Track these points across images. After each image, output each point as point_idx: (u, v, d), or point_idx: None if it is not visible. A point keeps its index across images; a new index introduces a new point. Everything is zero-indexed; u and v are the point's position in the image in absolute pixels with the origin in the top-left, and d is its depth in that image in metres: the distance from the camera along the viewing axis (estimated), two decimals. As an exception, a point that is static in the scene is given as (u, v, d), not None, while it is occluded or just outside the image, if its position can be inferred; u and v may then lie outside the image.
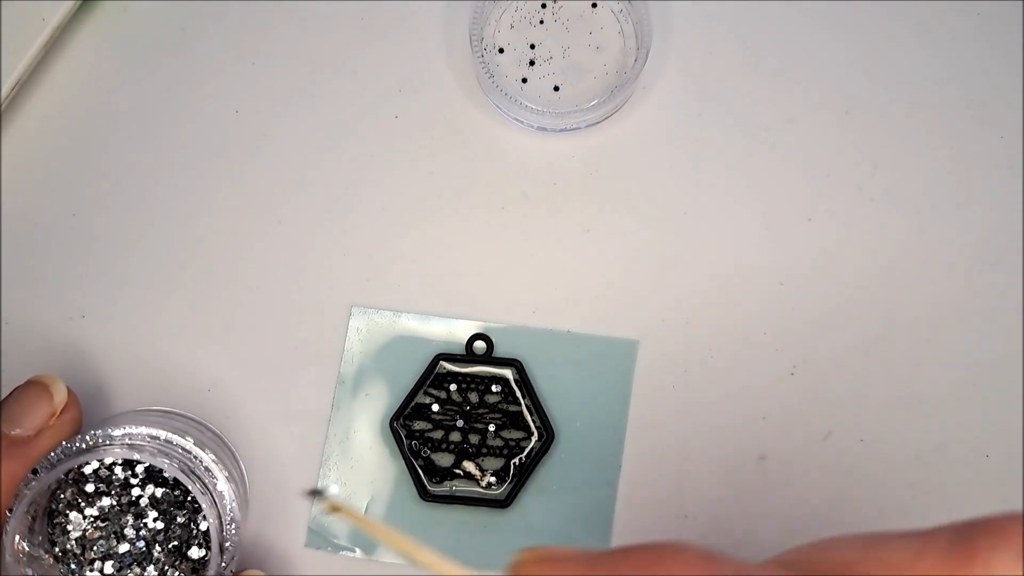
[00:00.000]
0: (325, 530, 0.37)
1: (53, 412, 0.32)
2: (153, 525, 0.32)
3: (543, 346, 0.38)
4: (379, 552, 0.37)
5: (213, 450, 0.33)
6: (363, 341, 0.38)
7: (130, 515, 0.32)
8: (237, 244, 0.39)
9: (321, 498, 0.29)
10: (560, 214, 0.39)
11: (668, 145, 0.40)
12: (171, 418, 0.36)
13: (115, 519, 0.32)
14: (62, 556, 0.32)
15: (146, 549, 0.32)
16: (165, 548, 0.32)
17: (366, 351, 0.38)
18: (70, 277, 0.39)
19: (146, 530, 0.32)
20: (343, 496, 0.37)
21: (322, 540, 0.37)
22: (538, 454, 0.37)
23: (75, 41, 0.41)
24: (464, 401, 0.38)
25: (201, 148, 0.40)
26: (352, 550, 0.37)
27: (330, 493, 0.36)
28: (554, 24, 0.40)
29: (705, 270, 0.39)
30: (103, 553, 0.32)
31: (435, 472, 0.37)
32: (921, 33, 0.40)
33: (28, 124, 0.40)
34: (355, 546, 0.37)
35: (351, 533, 0.37)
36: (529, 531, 0.37)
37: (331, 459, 0.38)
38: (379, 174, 0.40)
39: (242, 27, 0.41)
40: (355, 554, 0.37)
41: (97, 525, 0.32)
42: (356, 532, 0.37)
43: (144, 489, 0.32)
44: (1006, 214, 0.39)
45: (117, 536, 0.32)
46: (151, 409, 0.37)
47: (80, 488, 0.32)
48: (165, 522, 0.32)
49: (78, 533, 0.32)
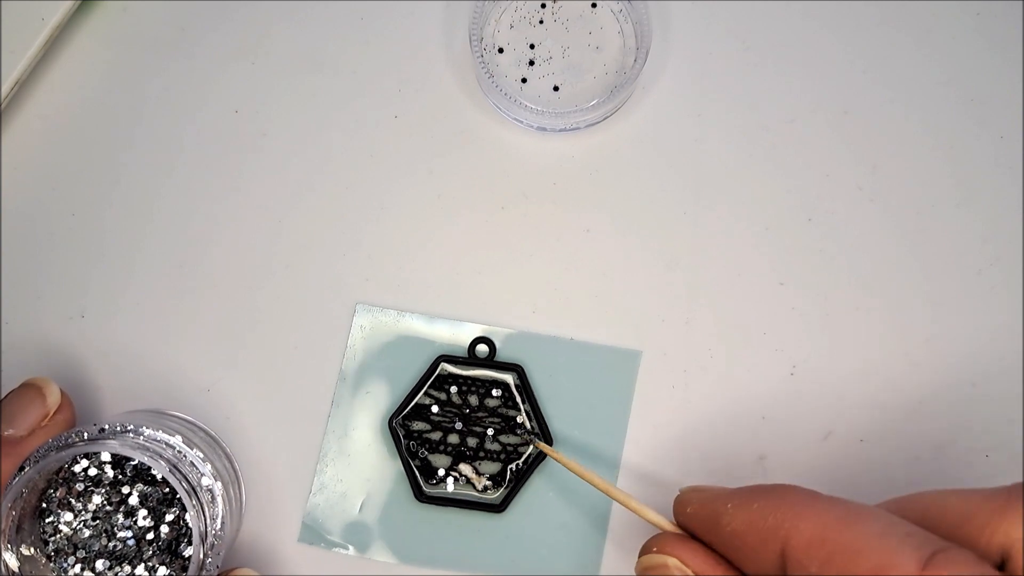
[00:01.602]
0: (319, 526, 0.37)
1: (46, 413, 0.33)
2: (143, 523, 0.33)
3: (545, 352, 0.38)
4: (372, 550, 0.37)
5: (202, 448, 0.33)
6: (366, 339, 0.38)
7: (120, 514, 0.33)
8: (237, 243, 0.39)
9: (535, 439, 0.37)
10: (560, 214, 0.39)
11: (668, 145, 0.40)
12: (162, 417, 0.36)
13: (105, 518, 0.33)
14: (54, 555, 0.32)
15: (136, 547, 0.32)
16: (155, 546, 0.33)
17: (368, 349, 0.38)
18: (70, 277, 0.39)
19: (136, 528, 0.33)
20: (338, 491, 0.37)
21: (316, 536, 0.37)
22: (535, 460, 0.37)
23: (74, 41, 0.41)
24: (464, 404, 0.38)
25: (201, 148, 0.40)
26: (345, 547, 0.37)
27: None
28: (554, 24, 0.40)
29: (705, 270, 0.39)
30: (95, 552, 0.32)
31: (432, 473, 0.37)
32: (921, 33, 0.40)
33: (28, 124, 0.40)
34: (348, 543, 0.37)
35: (344, 530, 0.37)
36: (523, 536, 0.37)
37: (328, 455, 0.38)
38: (379, 174, 0.40)
39: (242, 27, 0.41)
40: (348, 551, 0.37)
41: (88, 523, 0.32)
42: (349, 529, 0.37)
43: (134, 487, 0.33)
44: (1006, 214, 0.39)
45: (108, 534, 0.32)
46: (142, 410, 0.37)
47: (71, 487, 0.33)
48: (155, 520, 0.33)
49: (69, 532, 0.32)
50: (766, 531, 0.27)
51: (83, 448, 0.31)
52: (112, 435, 0.32)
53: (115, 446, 0.31)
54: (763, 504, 0.28)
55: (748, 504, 0.28)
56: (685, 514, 0.31)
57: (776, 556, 0.27)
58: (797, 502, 0.27)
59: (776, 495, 0.28)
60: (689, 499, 0.31)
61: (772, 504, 0.27)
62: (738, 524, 0.28)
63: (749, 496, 0.28)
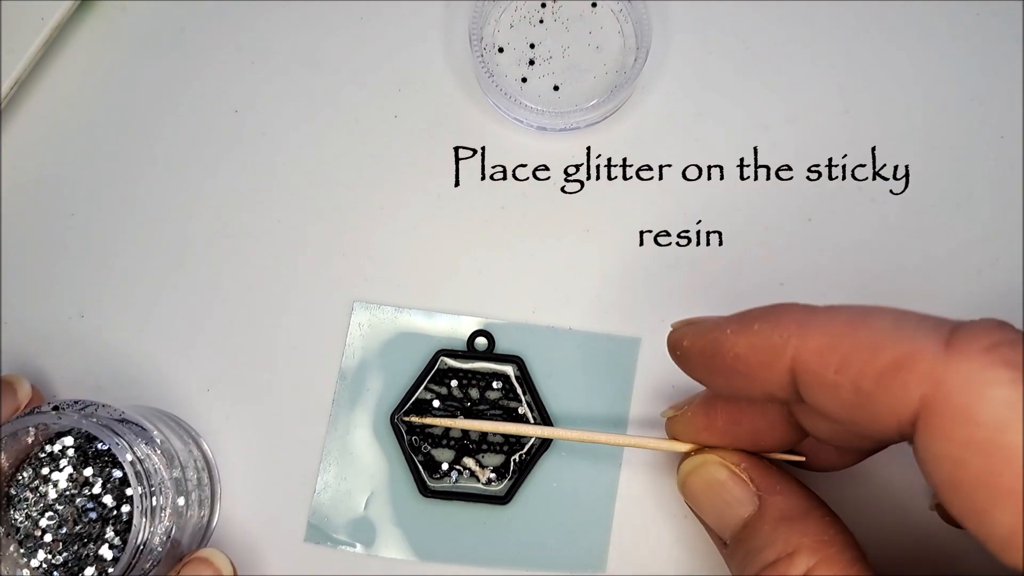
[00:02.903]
0: (325, 524, 0.37)
1: (17, 407, 0.34)
2: (106, 503, 0.33)
3: (545, 343, 0.38)
4: (378, 546, 0.37)
5: (157, 425, 0.34)
6: (365, 336, 0.38)
7: (84, 496, 0.33)
8: (237, 243, 0.39)
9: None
10: (560, 213, 0.39)
11: (668, 145, 0.40)
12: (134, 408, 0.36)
13: (69, 501, 0.33)
14: (25, 540, 0.33)
15: (101, 527, 0.33)
16: (117, 526, 0.33)
17: (367, 346, 0.38)
18: (69, 277, 0.39)
19: (101, 508, 0.33)
20: (343, 489, 0.37)
21: (322, 535, 0.37)
22: (538, 451, 0.37)
23: (74, 41, 0.41)
24: (465, 397, 0.38)
25: (201, 148, 0.40)
26: (352, 545, 0.37)
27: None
28: (554, 24, 0.40)
29: (705, 270, 0.39)
30: (63, 535, 0.33)
31: (435, 468, 0.37)
32: (921, 33, 0.40)
33: (27, 124, 0.40)
34: (354, 541, 0.37)
35: (350, 528, 0.37)
36: (528, 528, 0.37)
37: (331, 453, 0.38)
38: (378, 174, 0.40)
39: (242, 27, 0.41)
40: (355, 549, 0.37)
41: (48, 504, 0.33)
42: (355, 527, 0.37)
43: (98, 469, 0.33)
44: (1006, 214, 0.39)
45: (75, 517, 0.33)
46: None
47: (36, 471, 0.33)
48: (116, 500, 0.33)
49: (35, 514, 0.33)
50: (771, 349, 0.26)
51: (32, 420, 0.32)
52: (63, 409, 0.33)
53: (53, 416, 0.32)
54: (764, 323, 0.27)
55: (748, 326, 0.27)
56: (682, 348, 0.30)
57: (784, 374, 0.26)
58: (799, 315, 0.26)
59: (775, 312, 0.27)
60: (684, 333, 0.30)
61: (773, 321, 0.26)
62: (741, 348, 0.27)
63: (747, 319, 0.27)
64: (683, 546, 0.37)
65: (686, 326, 0.30)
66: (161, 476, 0.32)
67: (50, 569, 0.33)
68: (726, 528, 0.30)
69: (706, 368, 0.29)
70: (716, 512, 0.31)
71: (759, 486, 0.30)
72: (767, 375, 0.26)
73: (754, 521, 0.29)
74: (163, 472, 0.33)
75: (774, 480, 0.30)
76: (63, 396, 0.38)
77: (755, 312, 0.27)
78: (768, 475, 0.30)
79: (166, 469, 0.33)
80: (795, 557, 0.27)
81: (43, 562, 0.33)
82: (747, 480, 0.30)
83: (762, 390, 0.27)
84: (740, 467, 0.30)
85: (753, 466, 0.31)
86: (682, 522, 0.37)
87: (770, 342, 0.26)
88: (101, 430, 0.31)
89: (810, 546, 0.27)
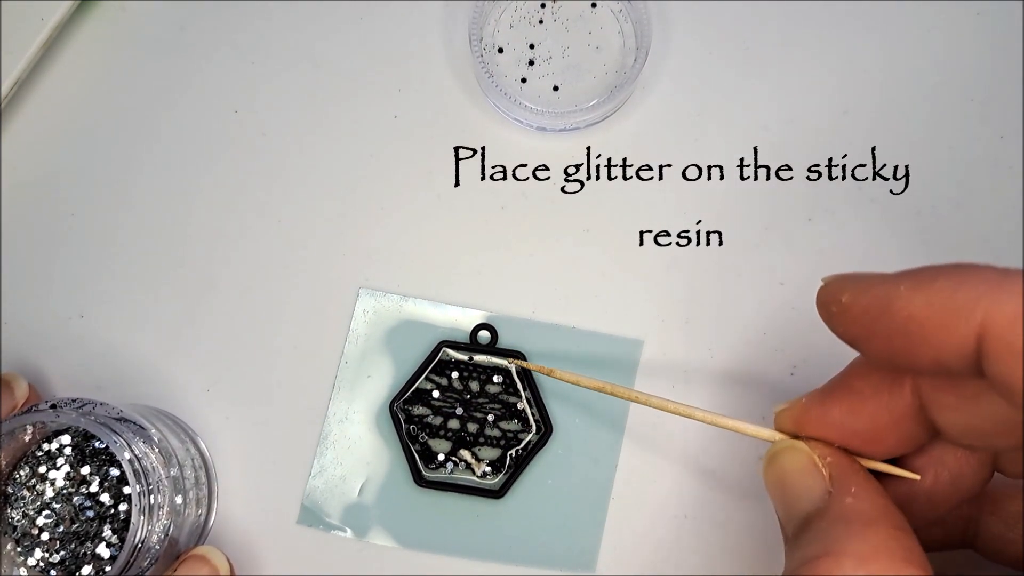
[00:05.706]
0: (318, 508, 0.37)
1: (14, 406, 0.34)
2: (104, 501, 0.33)
3: (547, 340, 0.38)
4: (370, 533, 0.37)
5: (155, 424, 0.34)
6: (369, 323, 0.38)
7: (81, 494, 0.33)
8: (238, 242, 0.39)
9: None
10: (560, 213, 0.39)
11: (668, 145, 0.40)
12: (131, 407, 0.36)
13: (66, 499, 0.33)
14: (22, 539, 0.33)
15: (98, 525, 0.33)
16: (114, 524, 0.33)
17: (371, 333, 0.38)
18: (69, 277, 0.39)
19: (98, 507, 0.33)
20: (338, 475, 0.37)
21: (314, 518, 0.37)
22: (535, 447, 0.37)
23: (74, 41, 0.41)
24: (465, 389, 0.38)
25: (200, 148, 0.40)
26: (343, 530, 0.37)
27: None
28: (553, 24, 0.40)
29: (705, 269, 0.39)
30: (60, 534, 0.33)
31: (431, 458, 0.37)
32: (921, 33, 0.40)
33: (27, 124, 0.40)
34: (346, 526, 0.37)
35: (343, 513, 0.37)
36: (521, 522, 0.37)
37: (329, 438, 0.38)
38: (378, 174, 0.40)
39: (242, 27, 0.41)
40: (346, 534, 0.37)
41: (46, 503, 0.33)
42: (348, 512, 0.37)
43: (95, 468, 0.33)
44: (1006, 214, 0.39)
45: (72, 516, 0.33)
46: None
47: (34, 470, 0.33)
48: (113, 498, 0.33)
49: (32, 512, 0.33)
50: (956, 310, 0.23)
51: (29, 418, 0.32)
52: (61, 407, 0.33)
53: (51, 415, 0.32)
54: (949, 281, 0.24)
55: (929, 283, 0.24)
56: (839, 305, 0.26)
57: (964, 340, 0.23)
58: (992, 276, 0.24)
59: (963, 271, 0.24)
60: (842, 287, 0.26)
61: (960, 279, 0.24)
62: (917, 307, 0.24)
63: (929, 274, 0.25)
64: (678, 549, 0.37)
65: (843, 279, 0.27)
66: (159, 474, 0.32)
67: (47, 568, 0.33)
68: (790, 519, 0.28)
69: (868, 328, 0.26)
70: (784, 501, 0.28)
71: (836, 484, 0.27)
72: (945, 339, 0.24)
73: (815, 517, 0.27)
74: (161, 470, 0.33)
75: (854, 482, 0.27)
76: (62, 395, 0.38)
77: (938, 269, 0.25)
78: (851, 475, 0.28)
79: (164, 467, 0.33)
80: (842, 559, 0.25)
81: (40, 560, 0.33)
82: (825, 475, 0.27)
83: (933, 358, 0.24)
84: (825, 460, 0.28)
85: (839, 463, 0.28)
86: (682, 523, 0.37)
87: (954, 302, 0.24)
88: (99, 428, 0.31)
89: (863, 554, 0.25)
